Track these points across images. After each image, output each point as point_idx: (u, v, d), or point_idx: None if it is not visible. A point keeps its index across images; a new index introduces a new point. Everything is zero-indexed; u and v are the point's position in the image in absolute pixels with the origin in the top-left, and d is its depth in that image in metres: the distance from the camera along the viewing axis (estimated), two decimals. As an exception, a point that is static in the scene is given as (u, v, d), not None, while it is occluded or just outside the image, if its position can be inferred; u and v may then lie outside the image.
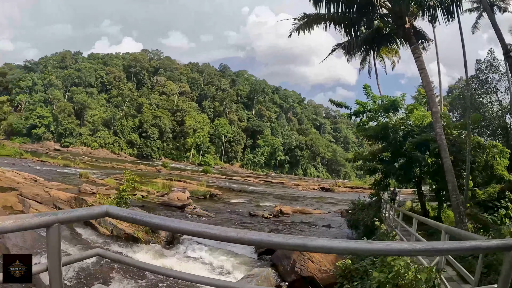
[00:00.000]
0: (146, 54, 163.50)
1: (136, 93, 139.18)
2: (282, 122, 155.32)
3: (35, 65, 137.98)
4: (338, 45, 14.27)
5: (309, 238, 1.88)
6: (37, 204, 18.69)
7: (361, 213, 19.12)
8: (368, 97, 18.75)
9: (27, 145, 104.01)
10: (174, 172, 67.00)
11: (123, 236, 15.97)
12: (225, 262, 14.41)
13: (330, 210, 32.74)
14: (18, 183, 25.31)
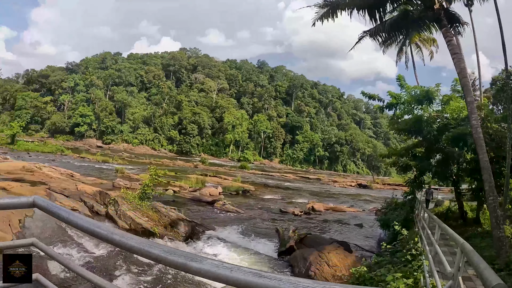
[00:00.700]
0: (184, 53, 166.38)
1: (175, 90, 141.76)
2: (321, 118, 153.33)
3: (77, 66, 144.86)
4: (365, 32, 13.24)
5: (196, 257, 1.59)
6: (64, 198, 18.85)
7: (394, 212, 17.98)
8: (401, 89, 17.56)
9: (70, 143, 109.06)
10: (211, 168, 67.27)
11: (140, 230, 15.85)
12: (242, 260, 13.86)
13: (364, 208, 31.45)
14: (51, 178, 25.80)
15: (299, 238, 15.41)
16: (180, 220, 16.67)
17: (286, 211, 26.36)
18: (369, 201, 36.73)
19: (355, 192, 45.81)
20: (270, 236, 17.86)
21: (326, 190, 47.55)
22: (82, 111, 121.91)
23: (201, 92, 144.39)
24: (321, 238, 15.60)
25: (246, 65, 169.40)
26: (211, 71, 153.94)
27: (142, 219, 16.21)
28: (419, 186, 17.96)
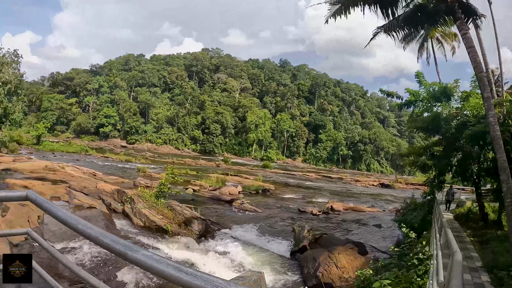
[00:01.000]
0: (206, 53, 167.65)
1: (198, 91, 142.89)
2: (344, 116, 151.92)
3: (100, 68, 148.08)
4: (379, 28, 12.89)
5: (133, 248, 1.74)
6: (83, 195, 19.30)
7: (412, 213, 17.45)
8: (420, 86, 17.06)
9: (95, 143, 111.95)
10: (234, 167, 67.49)
11: (154, 228, 16.12)
12: (254, 260, 13.78)
13: (385, 208, 30.77)
14: (72, 177, 26.42)
15: (314, 238, 15.20)
16: (194, 218, 16.73)
17: (305, 210, 26.07)
18: (390, 201, 35.94)
19: (376, 192, 44.91)
20: (286, 236, 17.69)
21: (348, 189, 46.86)
22: (106, 112, 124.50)
23: (224, 91, 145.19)
24: (336, 239, 15.35)
25: (268, 64, 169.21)
26: (233, 70, 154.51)
27: (157, 216, 16.43)
28: (439, 186, 17.39)
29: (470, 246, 11.10)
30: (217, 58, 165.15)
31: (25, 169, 28.93)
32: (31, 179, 22.80)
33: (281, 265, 13.23)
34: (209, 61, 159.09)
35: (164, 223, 16.02)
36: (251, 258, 13.83)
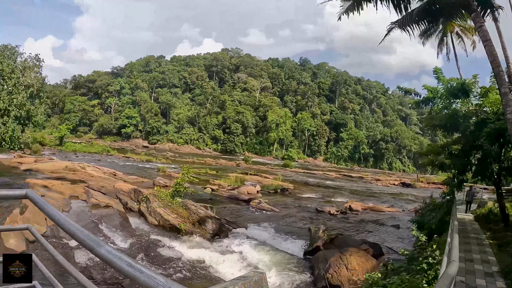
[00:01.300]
0: (226, 53, 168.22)
1: (219, 90, 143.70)
2: (366, 114, 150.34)
3: (122, 70, 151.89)
4: (393, 23, 12.55)
5: (100, 243, 1.88)
6: (100, 195, 19.63)
7: (431, 214, 16.92)
8: (439, 82, 16.52)
9: (117, 143, 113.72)
10: (254, 166, 67.52)
11: (168, 226, 16.30)
12: (267, 259, 13.65)
13: (405, 208, 30.04)
14: (92, 177, 26.84)
15: (329, 238, 14.96)
16: (208, 218, 16.79)
17: (322, 210, 25.78)
18: (410, 200, 35.16)
19: (397, 191, 44.02)
20: (302, 236, 17.48)
21: (368, 188, 46.16)
22: (128, 113, 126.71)
23: (244, 91, 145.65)
24: (351, 239, 15.07)
25: (288, 63, 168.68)
26: (253, 70, 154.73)
27: (171, 215, 16.59)
28: (459, 186, 16.79)
29: (488, 249, 10.67)
30: (237, 57, 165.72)
31: (46, 169, 29.61)
32: (51, 179, 23.23)
33: (293, 265, 13.05)
34: (229, 61, 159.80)
35: (178, 222, 16.17)
36: (264, 258, 13.72)
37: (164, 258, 12.76)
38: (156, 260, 12.44)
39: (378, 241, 16.74)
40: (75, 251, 12.01)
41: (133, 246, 13.53)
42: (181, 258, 13.07)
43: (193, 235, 15.65)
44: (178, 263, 12.34)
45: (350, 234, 19.26)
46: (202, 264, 12.66)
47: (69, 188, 19.61)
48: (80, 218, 15.62)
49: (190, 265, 12.40)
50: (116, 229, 15.14)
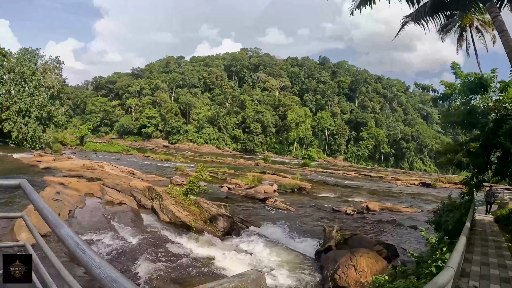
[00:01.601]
0: (245, 53, 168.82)
1: (238, 90, 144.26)
2: (386, 113, 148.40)
3: (142, 71, 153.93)
4: (406, 17, 12.18)
5: (63, 225, 2.24)
6: (115, 192, 20.17)
7: (449, 214, 16.36)
8: (457, 77, 15.93)
9: (138, 143, 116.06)
10: (273, 166, 67.25)
11: (179, 224, 16.42)
12: (277, 258, 13.44)
13: (423, 208, 29.29)
14: (109, 175, 27.24)
15: (343, 238, 14.66)
16: (219, 216, 16.81)
17: (339, 209, 25.42)
18: (430, 201, 34.33)
19: (417, 191, 43.07)
20: (316, 235, 17.22)
21: (387, 188, 45.36)
22: (148, 113, 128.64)
23: (264, 90, 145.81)
24: (366, 240, 14.70)
25: (308, 62, 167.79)
26: (272, 69, 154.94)
27: (183, 213, 16.71)
28: (478, 186, 16.15)
29: (507, 253, 10.19)
30: (256, 57, 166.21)
31: (64, 167, 30.42)
32: (68, 177, 23.63)
33: (303, 265, 12.84)
34: (248, 60, 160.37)
35: (189, 219, 16.24)
36: (274, 257, 13.52)
37: (172, 254, 12.81)
38: (163, 255, 12.50)
39: (394, 242, 16.37)
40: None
41: (142, 241, 13.64)
42: (189, 254, 13.05)
43: (203, 232, 15.62)
44: (184, 260, 12.37)
45: (366, 234, 18.88)
46: (209, 261, 12.60)
47: (85, 186, 20.15)
48: (93, 214, 16.06)
49: (196, 261, 12.37)
50: (126, 225, 15.34)
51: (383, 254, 12.65)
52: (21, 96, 50.34)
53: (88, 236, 13.42)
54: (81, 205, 16.83)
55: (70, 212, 15.35)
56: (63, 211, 14.92)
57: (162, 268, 11.26)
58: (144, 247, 12.98)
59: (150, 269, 11.11)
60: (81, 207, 16.64)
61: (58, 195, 16.54)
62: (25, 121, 50.04)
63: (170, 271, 11.18)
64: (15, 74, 51.44)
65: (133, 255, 12.09)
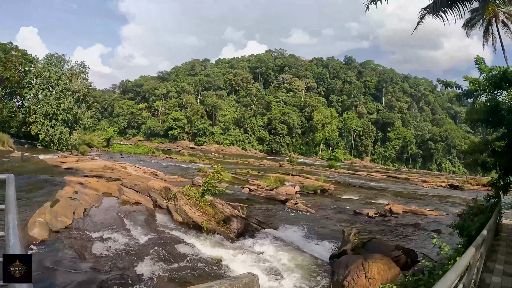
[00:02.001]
0: (270, 54, 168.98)
1: (264, 92, 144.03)
2: (414, 113, 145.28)
3: (168, 75, 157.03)
4: (424, 9, 11.60)
5: None
6: (132, 192, 20.55)
7: (474, 218, 15.47)
8: (481, 73, 15.09)
9: (165, 145, 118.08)
10: (297, 167, 66.72)
11: (191, 224, 16.39)
12: (288, 261, 13.03)
13: (449, 211, 28.04)
14: (129, 175, 27.69)
15: (361, 242, 14.15)
16: (233, 217, 16.64)
17: (361, 212, 24.72)
18: (457, 203, 32.79)
19: (443, 193, 41.33)
20: (334, 238, 16.72)
21: (413, 190, 43.87)
22: (174, 116, 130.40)
23: (289, 92, 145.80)
24: (385, 244, 14.12)
25: (333, 62, 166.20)
26: (298, 70, 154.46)
27: (196, 213, 16.63)
28: (505, 188, 15.22)
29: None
30: (281, 58, 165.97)
31: (85, 168, 31.22)
32: (89, 177, 24.11)
33: (315, 269, 12.37)
34: (273, 62, 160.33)
35: (201, 220, 16.13)
36: (285, 260, 13.14)
37: (178, 254, 12.76)
38: (169, 255, 12.46)
39: (416, 247, 15.74)
40: (93, 243, 12.70)
41: (151, 240, 13.70)
42: (196, 255, 12.91)
43: (215, 233, 15.46)
44: (190, 260, 12.29)
45: (387, 238, 18.28)
46: (215, 262, 12.40)
47: (104, 185, 20.67)
48: (107, 213, 16.48)
49: (202, 262, 12.22)
50: (138, 224, 15.50)
51: (401, 260, 12.10)
52: (48, 100, 52.26)
53: (99, 233, 13.68)
54: (97, 204, 17.24)
55: (85, 210, 15.76)
56: (78, 209, 15.33)
57: (165, 268, 11.25)
58: (152, 246, 13.02)
59: (154, 268, 11.11)
60: (97, 206, 17.05)
61: (75, 194, 17.06)
62: (52, 123, 52.05)
63: (173, 271, 11.13)
64: (42, 79, 53.37)
65: (139, 254, 12.18)
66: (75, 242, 12.46)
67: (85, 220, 14.87)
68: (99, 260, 11.37)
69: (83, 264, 10.89)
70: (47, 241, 12.05)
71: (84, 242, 12.71)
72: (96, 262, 11.13)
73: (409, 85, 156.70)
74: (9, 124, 56.48)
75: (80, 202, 16.19)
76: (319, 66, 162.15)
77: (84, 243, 12.54)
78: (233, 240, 15.28)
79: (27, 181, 22.85)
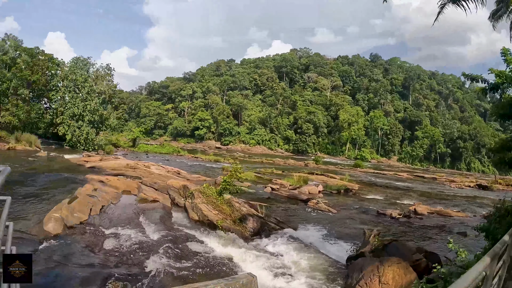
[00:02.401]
0: (295, 53, 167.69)
1: (289, 91, 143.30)
2: (442, 111, 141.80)
3: (193, 75, 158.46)
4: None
5: None
6: (151, 190, 20.89)
7: (501, 221, 14.68)
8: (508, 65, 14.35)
9: (191, 145, 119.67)
10: (322, 166, 66.16)
11: (206, 222, 16.36)
12: (304, 263, 12.70)
13: (477, 212, 26.85)
14: (151, 174, 28.11)
15: (382, 244, 13.69)
16: (249, 216, 16.43)
17: (384, 213, 24.03)
18: (485, 204, 31.17)
19: (471, 194, 39.72)
20: (354, 239, 16.32)
21: (440, 190, 42.42)
22: (200, 116, 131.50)
23: (315, 91, 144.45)
24: (406, 247, 13.54)
25: (359, 60, 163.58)
26: (323, 69, 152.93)
27: (212, 212, 16.58)
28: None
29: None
30: (306, 57, 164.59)
31: (108, 167, 31.70)
32: (110, 175, 24.54)
33: (330, 271, 11.98)
34: (298, 61, 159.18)
35: (217, 218, 16.08)
36: (300, 260, 12.82)
37: (190, 251, 12.78)
38: (180, 252, 12.46)
39: (439, 249, 15.10)
40: (106, 239, 13.00)
41: (164, 237, 13.74)
42: (209, 253, 12.86)
43: (229, 232, 15.35)
44: (202, 257, 12.27)
45: (411, 240, 17.74)
46: (228, 261, 12.28)
47: (124, 183, 21.13)
48: (124, 210, 16.89)
49: (214, 260, 12.16)
50: (153, 222, 15.65)
51: (422, 263, 11.58)
52: (74, 102, 53.71)
53: (113, 229, 13.90)
54: (115, 201, 17.61)
55: (102, 207, 16.09)
56: (96, 206, 15.67)
57: (173, 265, 11.25)
58: (163, 243, 13.07)
59: (162, 264, 11.14)
60: (115, 203, 17.41)
61: (94, 191, 17.50)
62: (78, 124, 53.42)
63: (180, 268, 11.08)
64: (68, 81, 55.01)
65: (149, 250, 12.24)
66: (87, 238, 12.71)
67: (101, 216, 15.19)
68: (108, 255, 11.57)
69: (92, 258, 11.05)
70: (60, 235, 12.30)
71: (97, 237, 12.98)
72: (105, 257, 11.32)
73: (436, 82, 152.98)
74: (37, 126, 58.59)
75: (98, 199, 16.57)
76: (345, 64, 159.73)
77: (96, 239, 12.83)
78: (248, 239, 15.08)
79: (51, 179, 23.59)
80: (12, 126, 53.57)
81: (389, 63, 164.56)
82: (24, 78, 55.42)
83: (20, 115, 54.20)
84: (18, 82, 55.10)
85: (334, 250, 14.71)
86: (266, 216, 18.23)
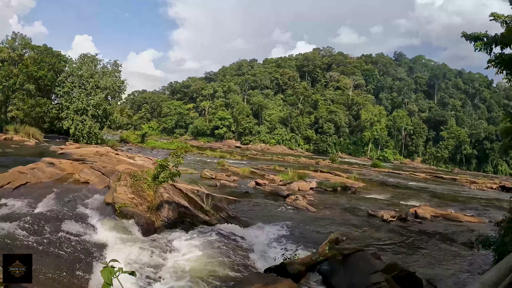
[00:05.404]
0: (317, 52, 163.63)
1: (311, 90, 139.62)
2: (468, 110, 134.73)
3: (215, 75, 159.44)
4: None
5: None
6: (89, 173, 19.38)
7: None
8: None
9: (211, 144, 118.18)
10: (337, 165, 62.90)
11: (115, 206, 13.93)
12: (194, 267, 9.57)
13: (494, 218, 21.57)
14: (120, 162, 26.57)
15: (341, 254, 9.84)
16: (167, 204, 13.73)
17: (375, 214, 20.03)
18: (505, 209, 26.25)
19: (492, 196, 34.56)
20: (315, 245, 12.19)
21: (457, 192, 37.42)
22: (221, 115, 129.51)
23: (337, 90, 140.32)
24: (374, 260, 9.54)
25: (382, 58, 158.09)
26: (346, 68, 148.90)
27: (128, 195, 14.19)
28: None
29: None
30: (328, 56, 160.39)
31: (77, 153, 32.65)
32: (71, 159, 24.30)
33: (216, 285, 8.52)
34: (321, 60, 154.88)
35: (124, 202, 13.48)
36: (194, 265, 9.74)
37: (60, 229, 11.08)
38: (50, 230, 10.86)
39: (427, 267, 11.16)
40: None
41: (48, 212, 12.45)
42: (82, 235, 11.06)
43: (132, 218, 12.55)
44: (66, 238, 10.54)
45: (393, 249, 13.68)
46: (95, 248, 10.35)
47: (71, 167, 20.13)
48: (44, 187, 15.88)
49: (78, 244, 10.37)
50: (56, 199, 14.35)
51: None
52: (79, 97, 56.47)
53: (3, 201, 13.19)
54: (45, 180, 17.04)
55: (26, 183, 15.82)
56: (17, 181, 15.56)
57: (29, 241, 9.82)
58: (40, 218, 11.59)
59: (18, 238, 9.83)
60: (44, 181, 16.87)
61: (31, 170, 17.38)
62: (82, 118, 55.79)
63: (34, 246, 9.55)
64: (74, 77, 57.77)
65: (16, 219, 11.08)
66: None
67: (13, 190, 14.72)
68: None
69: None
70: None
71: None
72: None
73: (462, 81, 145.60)
74: (43, 120, 60.59)
75: (28, 176, 16.48)
76: (368, 63, 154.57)
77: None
78: (155, 229, 12.44)
79: (11, 160, 25.49)
80: (20, 120, 56.34)
81: (413, 61, 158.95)
82: (30, 74, 56.83)
83: (26, 109, 56.13)
84: (24, 78, 56.53)
85: (271, 256, 11.11)
86: (217, 208, 15.76)
